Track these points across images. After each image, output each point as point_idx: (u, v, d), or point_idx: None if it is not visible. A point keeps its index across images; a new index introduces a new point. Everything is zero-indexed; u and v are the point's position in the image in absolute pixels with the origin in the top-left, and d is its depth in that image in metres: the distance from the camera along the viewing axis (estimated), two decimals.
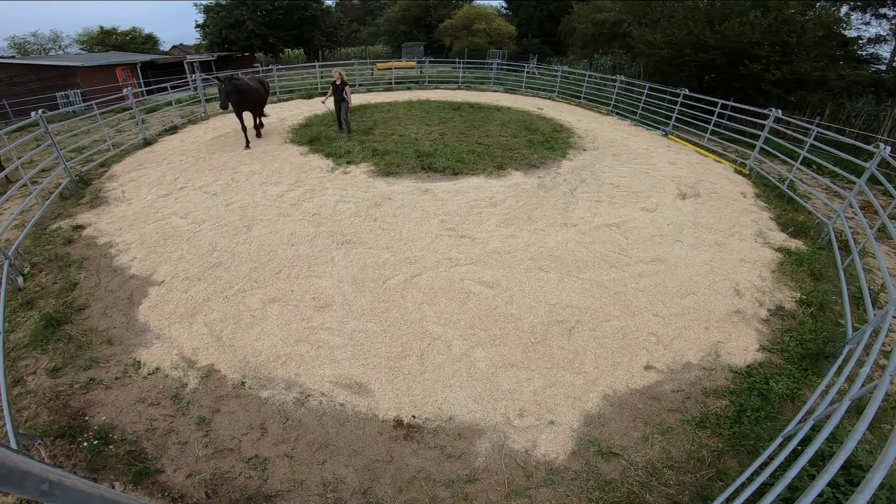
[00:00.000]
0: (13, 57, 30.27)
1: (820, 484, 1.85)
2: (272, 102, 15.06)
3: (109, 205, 6.70)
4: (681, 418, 3.30)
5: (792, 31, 11.99)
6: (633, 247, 5.56)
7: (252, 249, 5.35)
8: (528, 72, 18.88)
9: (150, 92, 17.13)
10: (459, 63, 20.21)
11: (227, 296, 4.53)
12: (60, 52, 42.56)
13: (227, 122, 12.20)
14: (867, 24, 17.88)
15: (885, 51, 17.72)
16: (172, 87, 13.43)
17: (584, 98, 15.74)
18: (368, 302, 4.43)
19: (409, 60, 28.37)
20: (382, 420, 3.25)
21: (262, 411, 3.31)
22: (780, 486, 2.12)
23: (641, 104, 12.94)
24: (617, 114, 13.91)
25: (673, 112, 11.47)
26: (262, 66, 27.09)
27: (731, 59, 12.65)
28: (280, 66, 20.90)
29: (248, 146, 9.32)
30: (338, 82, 9.91)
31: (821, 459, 2.63)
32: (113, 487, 2.81)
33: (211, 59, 30.20)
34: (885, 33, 17.71)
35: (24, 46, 42.55)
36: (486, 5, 37.66)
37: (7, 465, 0.54)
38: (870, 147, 5.73)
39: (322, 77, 17.73)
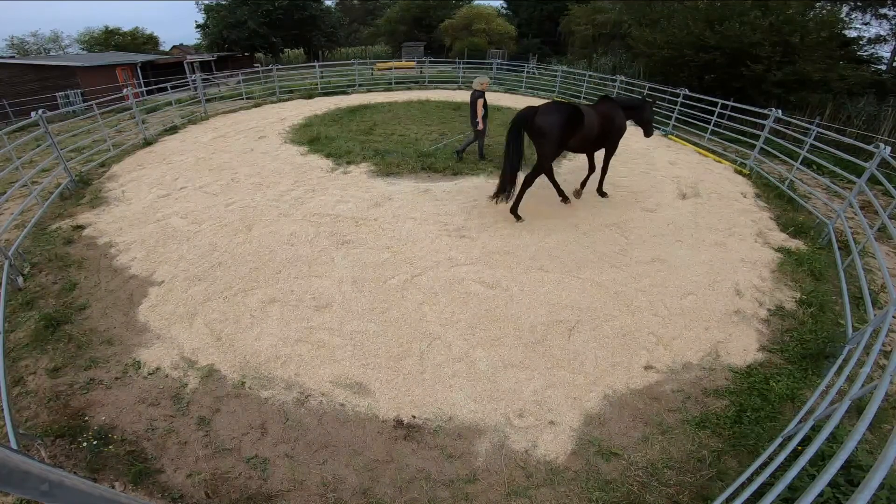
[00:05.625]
0: (13, 57, 30.24)
1: (820, 484, 1.85)
2: (272, 102, 15.09)
3: (109, 205, 6.70)
4: (681, 418, 3.30)
5: (794, 31, 11.98)
6: (633, 247, 5.56)
7: (252, 249, 5.35)
8: (527, 72, 18.88)
9: (150, 92, 17.14)
10: (459, 63, 20.22)
11: (227, 296, 4.53)
12: (60, 52, 42.56)
13: (227, 122, 12.22)
14: (867, 24, 17.89)
15: (885, 51, 17.73)
16: (172, 88, 13.43)
17: (585, 98, 15.73)
18: (368, 302, 4.43)
19: (409, 60, 28.36)
20: (382, 420, 3.25)
21: (262, 411, 3.31)
22: (780, 486, 2.12)
23: None
24: None
25: (673, 112, 11.47)
26: (262, 66, 27.08)
27: (731, 60, 12.64)
28: (280, 66, 20.89)
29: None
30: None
31: (821, 459, 2.63)
32: (113, 487, 2.81)
33: (211, 59, 30.19)
34: (885, 33, 17.72)
35: (23, 46, 42.55)
36: (486, 5, 37.66)
37: (7, 465, 0.54)
38: (870, 147, 5.73)
39: (322, 77, 17.71)
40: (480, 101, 7.87)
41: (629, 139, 10.64)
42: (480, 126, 8.08)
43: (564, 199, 6.78)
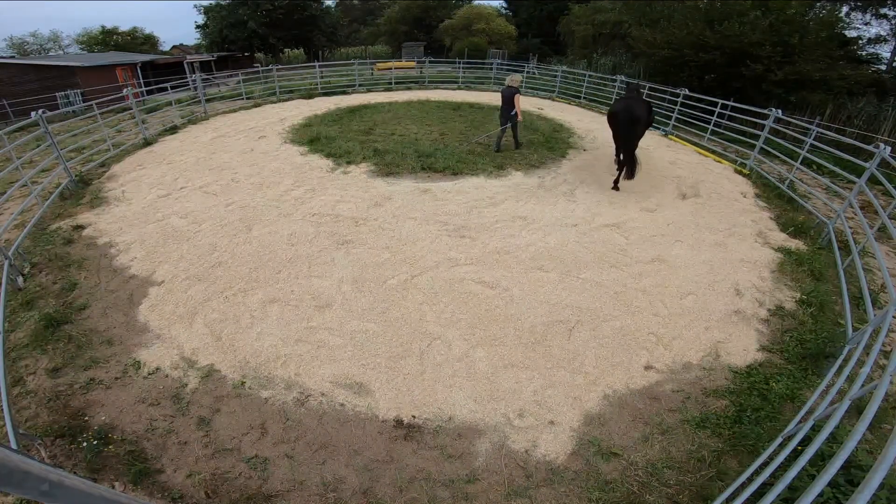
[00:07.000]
0: (13, 57, 30.24)
1: (820, 484, 1.85)
2: (272, 102, 15.08)
3: (109, 205, 6.70)
4: (681, 418, 3.30)
5: (794, 31, 11.98)
6: (633, 247, 5.56)
7: (252, 249, 5.35)
8: (527, 72, 18.87)
9: (150, 92, 17.13)
10: (459, 63, 20.21)
11: (227, 296, 4.53)
12: (60, 52, 42.56)
13: (227, 122, 12.22)
14: (867, 24, 17.90)
15: (885, 51, 17.73)
16: (172, 87, 13.43)
17: (584, 98, 15.74)
18: (368, 302, 4.43)
19: (409, 60, 28.37)
20: (382, 420, 3.25)
21: (262, 411, 3.31)
22: (780, 486, 2.12)
23: None
24: None
25: (673, 112, 11.47)
26: (262, 66, 27.08)
27: (731, 60, 12.64)
28: (280, 66, 20.89)
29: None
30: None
31: (821, 459, 2.63)
32: (113, 487, 2.81)
33: (211, 59, 30.20)
34: (885, 33, 17.72)
35: (23, 46, 42.56)
36: (486, 5, 37.65)
37: (7, 465, 0.54)
38: (870, 147, 5.73)
39: (322, 77, 17.70)
40: (518, 96, 8.58)
41: None
42: (520, 118, 8.85)
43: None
